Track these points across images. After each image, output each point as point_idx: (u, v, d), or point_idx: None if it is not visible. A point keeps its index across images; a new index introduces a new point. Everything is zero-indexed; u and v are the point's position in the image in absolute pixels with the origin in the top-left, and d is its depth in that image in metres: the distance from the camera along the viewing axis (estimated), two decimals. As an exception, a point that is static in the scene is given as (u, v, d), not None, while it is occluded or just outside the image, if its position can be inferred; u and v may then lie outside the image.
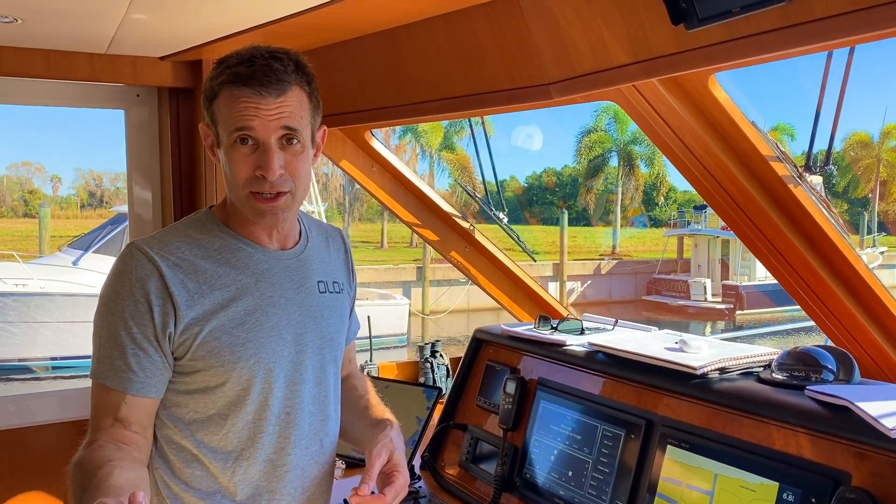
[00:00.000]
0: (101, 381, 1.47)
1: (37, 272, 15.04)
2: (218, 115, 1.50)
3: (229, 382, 1.52)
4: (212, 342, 1.50)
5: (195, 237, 1.56)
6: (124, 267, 1.49)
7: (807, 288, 2.21)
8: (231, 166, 1.49)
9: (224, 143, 1.50)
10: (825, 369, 1.65)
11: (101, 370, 1.47)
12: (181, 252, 1.52)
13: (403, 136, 40.77)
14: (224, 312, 1.51)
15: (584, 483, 1.89)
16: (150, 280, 1.47)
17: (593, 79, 1.84)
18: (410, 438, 2.34)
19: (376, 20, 2.18)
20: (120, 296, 1.47)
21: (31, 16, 2.08)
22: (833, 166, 2.09)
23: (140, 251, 1.50)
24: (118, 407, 1.46)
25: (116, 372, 1.46)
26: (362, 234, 43.18)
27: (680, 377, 1.76)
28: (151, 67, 2.67)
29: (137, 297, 1.46)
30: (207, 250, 1.55)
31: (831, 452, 1.44)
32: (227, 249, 1.56)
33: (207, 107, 1.53)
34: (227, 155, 1.50)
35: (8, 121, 66.57)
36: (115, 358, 1.46)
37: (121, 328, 1.46)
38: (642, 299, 29.99)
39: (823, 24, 1.32)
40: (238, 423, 1.54)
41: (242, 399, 1.53)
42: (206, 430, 1.54)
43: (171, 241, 1.54)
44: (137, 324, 1.46)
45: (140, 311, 1.46)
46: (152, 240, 1.54)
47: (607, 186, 45.42)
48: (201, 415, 1.53)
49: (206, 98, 1.53)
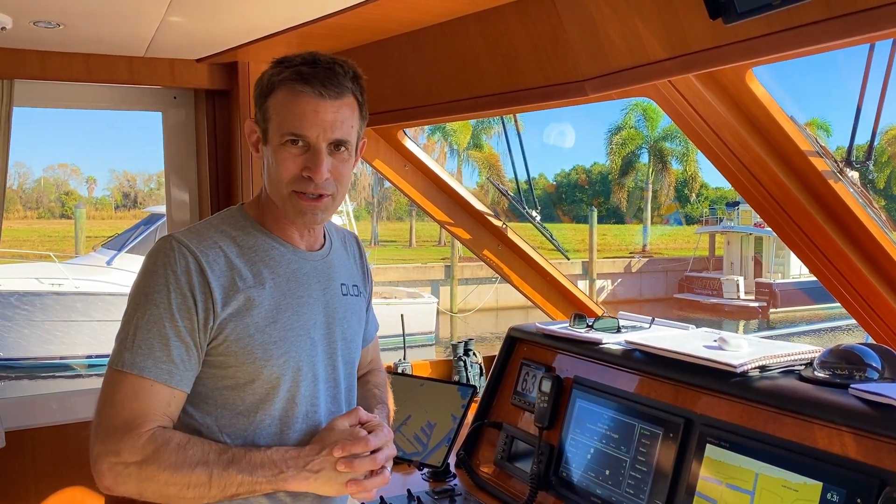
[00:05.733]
0: (139, 371, 1.43)
1: (72, 272, 15.34)
2: (272, 112, 1.51)
3: (259, 380, 1.53)
4: (245, 339, 1.50)
5: (230, 234, 1.57)
6: (166, 259, 1.48)
7: (847, 285, 2.18)
8: (279, 164, 1.51)
9: (273, 141, 1.52)
10: (869, 367, 1.62)
11: (136, 360, 1.43)
12: (218, 248, 1.53)
13: (432, 134, 40.81)
14: (257, 310, 1.52)
15: (621, 482, 1.88)
16: (194, 274, 1.47)
17: (629, 75, 1.83)
18: (446, 436, 2.34)
19: (409, 20, 2.18)
20: (164, 286, 1.46)
21: (73, 20, 2.13)
22: (870, 161, 2.05)
23: (181, 244, 1.50)
24: (164, 399, 1.45)
25: (157, 363, 1.44)
26: (391, 233, 43.32)
27: (719, 375, 1.74)
28: (188, 70, 2.71)
29: (184, 290, 1.46)
30: (242, 248, 1.56)
31: (877, 452, 1.41)
32: (261, 248, 1.58)
33: (261, 103, 1.54)
34: (275, 153, 1.52)
35: (45, 124, 68.05)
36: (156, 349, 1.44)
37: (165, 319, 1.45)
38: (674, 297, 29.69)
39: (868, 14, 1.30)
40: (266, 420, 1.54)
41: (271, 397, 1.54)
42: (233, 426, 1.53)
43: (207, 237, 1.54)
44: (182, 316, 1.46)
45: (187, 304, 1.46)
46: (189, 234, 1.54)
47: (638, 183, 45.02)
48: (229, 411, 1.54)
49: (261, 93, 1.54)
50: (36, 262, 17.67)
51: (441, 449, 2.32)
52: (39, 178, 57.94)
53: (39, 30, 2.20)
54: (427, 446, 2.35)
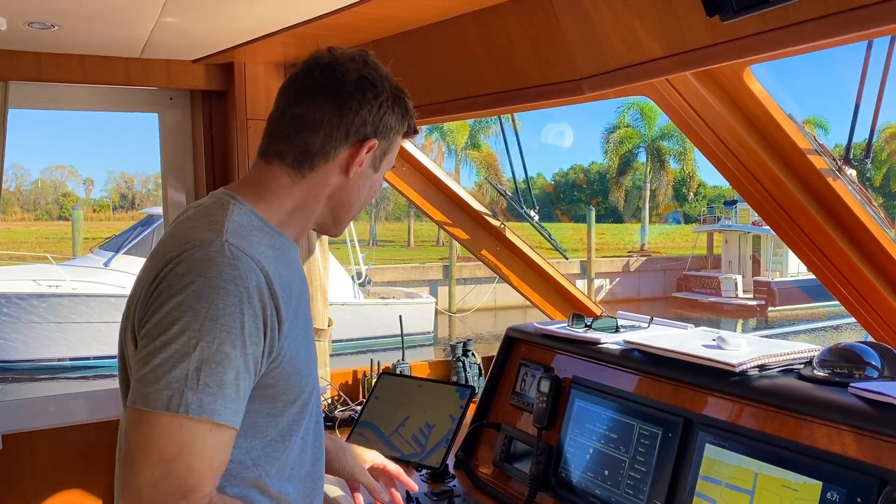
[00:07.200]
0: (208, 415, 1.16)
1: (69, 274, 15.32)
2: (393, 147, 1.50)
3: (300, 399, 1.40)
4: (296, 355, 1.36)
5: (260, 236, 1.36)
6: (237, 272, 1.22)
7: (846, 283, 2.18)
8: (377, 191, 1.53)
9: (382, 171, 1.51)
10: (869, 366, 1.61)
11: (204, 402, 1.16)
12: (264, 253, 1.31)
13: (430, 134, 40.80)
14: (297, 321, 1.37)
15: (620, 482, 1.88)
16: (263, 289, 1.25)
17: (626, 73, 1.82)
18: (444, 437, 2.33)
19: (406, 19, 2.18)
20: (237, 307, 1.21)
21: (68, 22, 2.12)
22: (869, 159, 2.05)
23: (242, 251, 1.26)
24: (224, 445, 1.20)
25: (227, 402, 1.19)
26: (389, 233, 43.31)
27: (719, 375, 1.73)
28: (184, 71, 2.70)
29: (256, 310, 1.23)
30: (275, 249, 1.36)
31: (877, 451, 1.41)
32: (285, 248, 1.41)
33: (394, 134, 1.48)
34: (378, 181, 1.52)
35: (43, 125, 67.95)
36: (227, 385, 1.19)
37: (238, 348, 1.20)
38: (672, 296, 29.72)
39: (865, 11, 1.29)
40: (297, 440, 1.42)
41: (303, 415, 1.42)
42: (268, 456, 1.37)
43: (251, 239, 1.31)
44: (253, 343, 1.23)
45: (258, 326, 1.24)
46: (238, 238, 1.28)
47: (636, 183, 45.06)
48: (260, 440, 1.35)
49: (398, 126, 1.49)
50: (33, 264, 17.64)
51: (440, 450, 2.31)
52: (37, 179, 57.95)
53: (34, 31, 2.19)
54: (425, 447, 2.34)
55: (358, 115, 1.40)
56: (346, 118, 1.39)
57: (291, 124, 1.41)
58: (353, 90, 1.39)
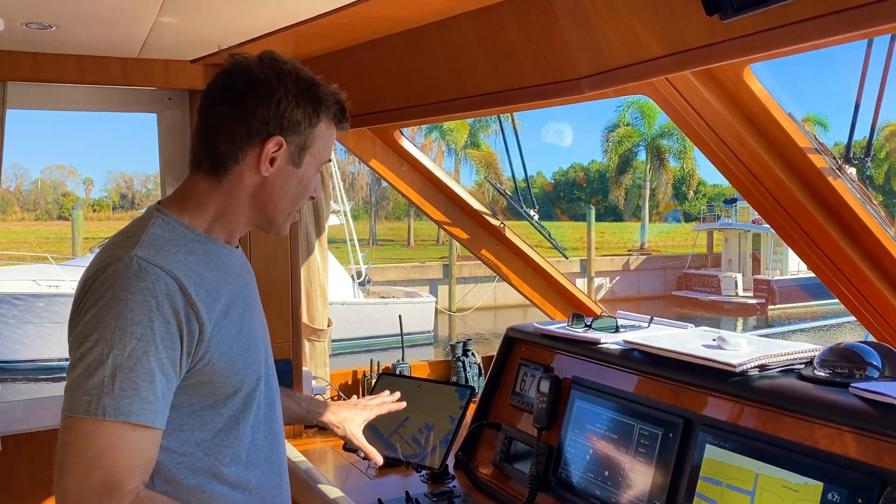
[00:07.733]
0: (124, 417, 1.25)
1: (69, 274, 15.32)
2: (314, 141, 1.52)
3: (241, 390, 1.48)
4: (227, 351, 1.44)
5: (180, 242, 1.44)
6: (143, 284, 1.31)
7: (846, 282, 2.17)
8: (308, 187, 1.55)
9: (308, 166, 1.53)
10: (870, 366, 1.61)
11: (120, 405, 1.25)
12: (182, 261, 1.40)
13: (429, 133, 40.83)
14: (228, 319, 1.46)
15: (620, 483, 1.87)
16: (175, 296, 1.34)
17: (625, 72, 1.81)
18: (444, 438, 2.33)
19: (404, 18, 2.17)
20: (146, 315, 1.30)
21: (65, 22, 2.11)
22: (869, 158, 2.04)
23: (151, 264, 1.34)
24: (147, 444, 1.29)
25: (143, 403, 1.28)
26: (389, 233, 43.32)
27: (719, 375, 1.72)
28: (182, 71, 2.69)
29: (168, 317, 1.32)
30: (198, 255, 1.45)
31: (878, 451, 1.40)
32: (212, 252, 1.49)
33: (305, 128, 1.49)
34: (305, 177, 1.53)
35: (42, 125, 67.99)
36: (143, 388, 1.28)
37: (151, 353, 1.29)
38: (672, 295, 29.74)
39: (865, 10, 1.28)
40: (247, 430, 1.50)
41: (248, 405, 1.50)
42: (218, 446, 1.46)
43: (167, 250, 1.40)
44: (167, 347, 1.32)
45: (171, 332, 1.32)
46: (150, 251, 1.37)
47: (636, 181, 45.07)
48: (208, 432, 1.45)
49: (308, 120, 1.50)
50: (33, 264, 17.65)
51: (439, 450, 2.30)
52: (37, 179, 57.93)
53: (32, 31, 2.18)
54: (425, 448, 2.33)
55: (255, 114, 1.45)
56: (245, 119, 1.45)
57: (201, 132, 1.52)
58: (246, 91, 1.45)
